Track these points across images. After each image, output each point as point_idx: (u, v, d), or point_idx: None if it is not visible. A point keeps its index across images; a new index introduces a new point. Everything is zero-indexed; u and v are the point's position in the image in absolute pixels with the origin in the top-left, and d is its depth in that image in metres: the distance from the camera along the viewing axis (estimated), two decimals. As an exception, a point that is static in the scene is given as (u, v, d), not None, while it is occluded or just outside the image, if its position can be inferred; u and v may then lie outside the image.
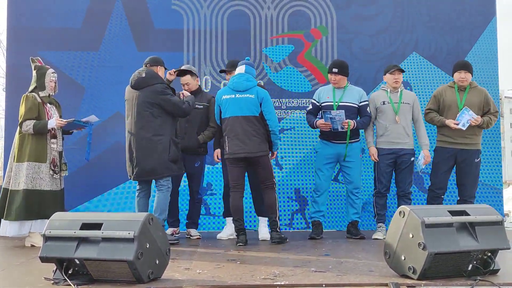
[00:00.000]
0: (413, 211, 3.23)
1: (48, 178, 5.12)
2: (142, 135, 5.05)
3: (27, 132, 5.11)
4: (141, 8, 6.78)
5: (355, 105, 5.68)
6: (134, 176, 5.11)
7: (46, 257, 3.22)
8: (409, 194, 5.67)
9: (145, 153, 5.03)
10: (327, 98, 5.69)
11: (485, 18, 7.10)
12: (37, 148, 5.11)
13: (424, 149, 5.67)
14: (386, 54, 6.94)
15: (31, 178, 5.05)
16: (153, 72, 5.19)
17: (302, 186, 6.70)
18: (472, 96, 5.65)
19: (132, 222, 3.17)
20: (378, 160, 5.64)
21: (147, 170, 5.04)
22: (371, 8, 7.02)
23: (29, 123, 5.09)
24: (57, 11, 6.71)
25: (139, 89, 5.11)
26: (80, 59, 6.65)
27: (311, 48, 6.91)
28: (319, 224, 5.70)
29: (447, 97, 5.70)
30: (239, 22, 6.87)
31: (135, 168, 5.07)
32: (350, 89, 5.76)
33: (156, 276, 3.25)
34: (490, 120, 5.65)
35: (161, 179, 5.11)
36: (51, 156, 5.16)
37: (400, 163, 5.62)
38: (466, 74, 5.64)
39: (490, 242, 3.31)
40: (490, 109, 5.68)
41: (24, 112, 5.12)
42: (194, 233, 5.72)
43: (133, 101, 5.11)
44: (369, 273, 3.48)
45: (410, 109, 5.67)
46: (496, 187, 6.94)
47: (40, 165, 5.09)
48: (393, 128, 5.60)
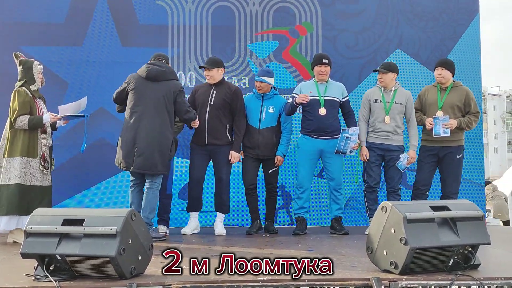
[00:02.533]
0: (395, 207, 3.25)
1: (38, 174, 5.08)
2: (153, 127, 4.98)
3: (21, 127, 5.04)
4: (125, 3, 6.74)
5: (337, 100, 5.71)
6: (134, 167, 4.98)
7: (27, 253, 3.20)
8: (398, 190, 5.69)
9: (151, 146, 4.96)
10: (310, 92, 5.67)
11: (468, 16, 7.17)
12: (29, 143, 5.06)
13: (411, 149, 5.67)
14: (370, 51, 6.98)
15: (23, 173, 5.00)
16: (171, 67, 5.23)
17: (287, 182, 6.71)
18: (453, 96, 5.68)
19: (114, 218, 3.15)
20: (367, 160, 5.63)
21: (149, 163, 4.95)
22: (355, 5, 7.06)
23: (23, 118, 5.02)
24: (40, 5, 6.64)
25: (156, 81, 5.05)
26: (63, 54, 6.60)
27: (296, 44, 6.92)
28: (303, 220, 5.72)
29: (429, 96, 5.75)
30: (224, 17, 6.86)
31: (136, 158, 4.95)
32: (332, 83, 5.79)
33: (138, 272, 3.23)
34: (470, 121, 5.66)
35: (156, 176, 5.07)
36: (41, 152, 5.11)
37: (389, 160, 5.63)
38: (443, 71, 5.67)
39: (471, 237, 3.34)
40: (470, 109, 5.70)
41: (17, 107, 5.04)
42: (163, 230, 5.64)
43: (146, 92, 5.03)
44: (351, 268, 3.50)
45: (402, 108, 5.66)
46: (478, 183, 7.02)
47: (31, 161, 5.05)
48: (382, 127, 5.61)
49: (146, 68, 5.10)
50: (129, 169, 5.03)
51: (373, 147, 5.64)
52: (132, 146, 4.97)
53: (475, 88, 6.73)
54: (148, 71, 5.08)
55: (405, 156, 5.62)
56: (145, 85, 5.05)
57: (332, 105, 5.65)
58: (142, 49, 5.64)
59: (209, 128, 5.53)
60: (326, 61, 5.70)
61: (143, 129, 4.97)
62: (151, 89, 5.04)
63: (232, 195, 6.35)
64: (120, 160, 5.05)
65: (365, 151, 5.64)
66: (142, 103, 5.02)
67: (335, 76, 6.49)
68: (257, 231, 5.74)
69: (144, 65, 5.16)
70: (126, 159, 5.00)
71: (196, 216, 5.73)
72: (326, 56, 5.81)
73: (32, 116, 5.05)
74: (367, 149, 5.65)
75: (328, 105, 5.64)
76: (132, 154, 4.97)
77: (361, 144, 5.67)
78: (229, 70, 6.78)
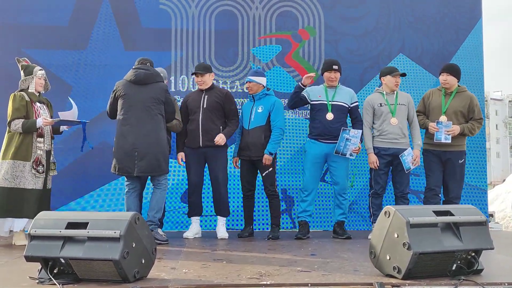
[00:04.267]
0: (398, 211, 3.26)
1: (30, 177, 5.09)
2: (148, 130, 5.03)
3: (16, 131, 5.09)
4: (129, 7, 6.75)
5: (346, 105, 5.72)
6: (137, 171, 5.00)
7: (31, 256, 3.21)
8: (407, 194, 5.66)
9: (152, 147, 5.02)
10: (318, 97, 5.71)
11: (471, 20, 7.17)
12: (22, 146, 5.09)
13: (416, 148, 5.64)
14: (373, 56, 6.98)
15: (14, 176, 5.03)
16: (156, 70, 5.27)
17: (289, 186, 6.72)
18: (457, 101, 5.67)
19: (118, 221, 3.16)
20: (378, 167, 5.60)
21: (153, 164, 5.02)
22: (357, 10, 7.06)
23: (17, 122, 5.07)
24: (44, 8, 6.65)
25: (144, 84, 5.09)
26: (67, 57, 6.61)
27: (299, 49, 6.93)
28: (306, 224, 5.72)
29: (433, 100, 5.75)
30: (227, 22, 6.88)
31: (139, 162, 4.98)
32: (341, 88, 5.80)
33: (142, 276, 3.24)
34: (473, 127, 5.65)
35: (161, 176, 5.13)
36: (36, 155, 5.13)
37: (397, 164, 5.60)
38: (448, 77, 5.67)
39: (474, 242, 3.35)
40: (474, 115, 5.69)
41: (11, 111, 5.11)
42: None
43: (136, 96, 5.06)
44: (354, 273, 3.50)
45: (406, 110, 5.67)
46: (481, 188, 7.01)
47: (24, 164, 5.07)
48: (390, 129, 5.59)
49: (133, 73, 5.15)
50: (132, 174, 5.04)
51: (382, 153, 5.60)
52: (132, 151, 5.00)
53: (478, 93, 6.73)
54: (135, 75, 5.12)
55: (409, 152, 5.54)
56: (134, 89, 5.10)
57: (339, 110, 5.68)
58: (146, 53, 5.64)
59: (203, 131, 5.57)
60: (336, 67, 5.74)
61: (140, 132, 5.01)
62: (140, 92, 5.09)
63: (233, 199, 6.36)
64: (118, 166, 5.07)
65: (374, 158, 5.60)
66: (134, 107, 5.07)
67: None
68: (249, 235, 5.74)
69: (130, 70, 5.19)
70: (127, 164, 5.02)
71: (197, 220, 5.74)
72: (336, 62, 5.84)
73: (26, 120, 5.10)
74: (375, 153, 5.61)
75: (335, 110, 5.66)
76: (133, 158, 5.00)
77: (368, 151, 5.66)
78: (232, 74, 6.80)
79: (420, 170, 6.25)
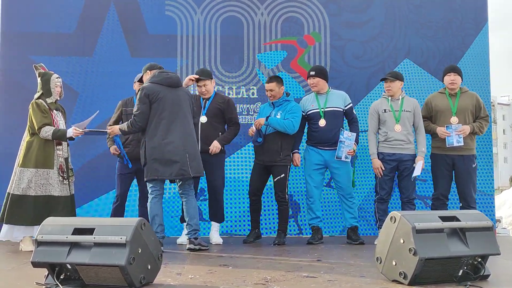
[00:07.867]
0: (404, 217, 3.25)
1: (57, 184, 5.13)
2: (191, 129, 5.09)
3: (45, 138, 5.11)
4: (135, 14, 6.79)
5: (340, 109, 5.74)
6: (193, 172, 4.95)
7: (38, 262, 3.22)
8: (413, 200, 5.65)
9: (196, 148, 5.09)
10: (311, 106, 5.75)
11: (476, 25, 7.15)
12: (44, 154, 5.12)
13: (420, 155, 5.59)
14: (378, 61, 6.98)
15: (39, 184, 5.06)
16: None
17: (295, 192, 6.71)
18: (464, 100, 5.67)
19: (124, 227, 3.17)
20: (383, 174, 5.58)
21: (201, 165, 5.07)
22: (363, 15, 7.06)
23: (48, 129, 5.10)
24: (50, 15, 6.70)
25: (176, 87, 5.09)
26: (73, 64, 6.65)
27: (304, 54, 6.94)
28: (318, 229, 5.71)
29: (439, 103, 5.73)
30: (232, 27, 6.90)
31: (191, 163, 4.93)
32: (332, 93, 5.81)
33: (148, 281, 3.25)
34: (482, 125, 5.66)
35: (190, 180, 5.10)
36: (58, 163, 5.17)
37: (403, 170, 5.58)
38: (455, 77, 5.67)
39: (481, 247, 3.33)
40: (480, 113, 5.69)
41: (39, 118, 5.11)
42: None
43: (173, 99, 4.99)
44: (360, 278, 3.50)
45: (411, 116, 5.64)
46: (488, 193, 6.98)
47: (48, 171, 5.11)
48: (394, 135, 5.58)
49: (164, 76, 5.04)
50: (189, 176, 4.96)
51: (386, 158, 5.59)
52: (183, 152, 4.92)
53: (484, 97, 6.69)
54: (169, 77, 5.05)
55: (419, 164, 5.50)
56: (171, 92, 5.02)
57: (333, 115, 5.69)
58: (152, 60, 5.65)
59: (203, 136, 5.57)
60: (313, 73, 5.78)
61: (186, 134, 4.99)
62: (177, 94, 5.05)
63: (233, 204, 6.36)
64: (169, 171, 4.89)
65: (378, 164, 5.59)
66: (173, 109, 4.99)
67: (342, 86, 6.50)
68: (254, 240, 5.73)
69: (156, 74, 5.05)
70: (181, 167, 4.90)
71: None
72: (314, 67, 5.93)
73: (57, 129, 5.14)
74: (380, 159, 5.60)
75: (328, 116, 5.67)
76: (185, 160, 4.92)
77: (371, 156, 5.66)
78: (237, 80, 6.82)
79: (426, 176, 6.23)
